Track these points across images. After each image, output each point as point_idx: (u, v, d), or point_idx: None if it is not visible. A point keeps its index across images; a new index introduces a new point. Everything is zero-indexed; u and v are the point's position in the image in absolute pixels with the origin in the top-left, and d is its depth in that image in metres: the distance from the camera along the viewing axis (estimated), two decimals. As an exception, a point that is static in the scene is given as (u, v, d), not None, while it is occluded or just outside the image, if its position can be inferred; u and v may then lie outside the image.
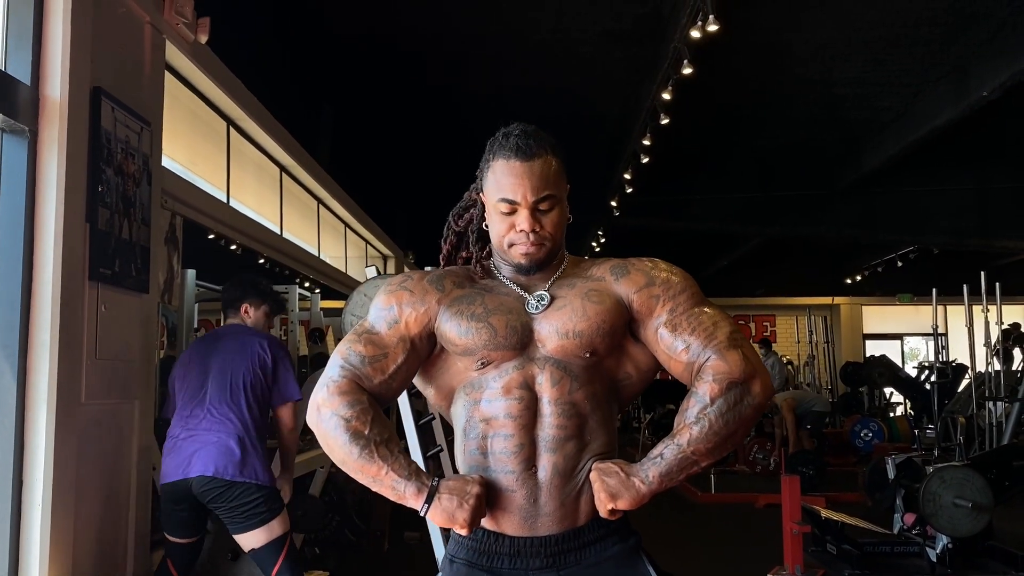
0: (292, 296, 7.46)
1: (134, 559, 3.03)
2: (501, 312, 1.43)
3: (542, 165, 1.42)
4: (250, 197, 5.30)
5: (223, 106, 4.61)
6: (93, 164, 2.75)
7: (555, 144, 1.47)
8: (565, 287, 1.48)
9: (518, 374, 1.40)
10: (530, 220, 1.42)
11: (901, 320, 16.02)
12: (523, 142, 1.42)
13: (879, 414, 11.02)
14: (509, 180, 1.42)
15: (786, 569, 4.83)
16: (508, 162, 1.42)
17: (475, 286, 1.51)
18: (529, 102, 7.19)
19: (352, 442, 1.36)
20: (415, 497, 1.35)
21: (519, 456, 1.38)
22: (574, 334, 1.40)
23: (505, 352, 1.41)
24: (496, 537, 1.41)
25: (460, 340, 1.42)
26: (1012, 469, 5.12)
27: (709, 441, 1.34)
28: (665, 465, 1.34)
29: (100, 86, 2.78)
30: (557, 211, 1.45)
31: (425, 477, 1.37)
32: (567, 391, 1.40)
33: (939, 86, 7.29)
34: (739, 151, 9.45)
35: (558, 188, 1.45)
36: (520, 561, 1.39)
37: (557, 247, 1.49)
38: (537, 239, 1.44)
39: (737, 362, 1.38)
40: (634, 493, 1.34)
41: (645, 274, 1.48)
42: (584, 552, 1.40)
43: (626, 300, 1.46)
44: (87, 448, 2.70)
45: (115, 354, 2.88)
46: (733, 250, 13.05)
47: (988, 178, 10.37)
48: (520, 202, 1.42)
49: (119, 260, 2.91)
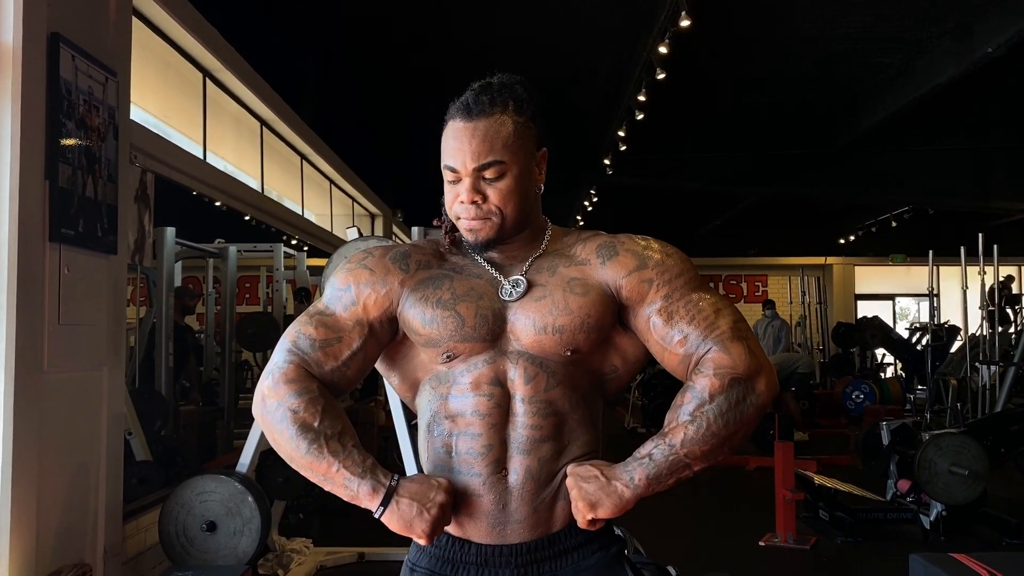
0: (277, 254, 7.31)
1: (105, 531, 2.92)
2: (470, 299, 1.26)
3: (489, 126, 1.24)
4: (229, 152, 5.12)
5: (198, 56, 4.40)
6: (52, 117, 2.58)
7: (522, 99, 1.28)
8: (545, 271, 1.30)
9: (488, 368, 1.25)
10: (470, 191, 1.25)
11: (893, 280, 15.96)
12: (473, 98, 1.25)
13: (871, 375, 10.99)
14: (451, 144, 1.26)
15: (778, 536, 4.77)
16: (453, 123, 1.26)
17: (444, 265, 1.33)
18: (519, 55, 6.97)
19: (300, 436, 1.20)
20: (369, 497, 1.19)
21: (487, 458, 1.23)
22: (553, 329, 1.23)
23: (474, 344, 1.25)
24: (462, 544, 1.26)
25: (424, 330, 1.26)
26: (1008, 435, 5.06)
27: (706, 443, 1.18)
28: (654, 468, 1.18)
29: (58, 32, 2.60)
30: (508, 180, 1.26)
31: (383, 475, 1.20)
32: (542, 388, 1.24)
33: (942, 42, 7.09)
34: (735, 109, 9.24)
35: (511, 153, 1.25)
36: (488, 571, 1.25)
37: (514, 222, 1.29)
38: (479, 213, 1.26)
39: (741, 355, 1.22)
40: (616, 500, 1.18)
41: (636, 255, 1.29)
42: (560, 561, 1.25)
43: (613, 287, 1.27)
44: (51, 418, 2.57)
45: (81, 319, 2.73)
46: (726, 210, 12.89)
47: (986, 139, 10.23)
48: (460, 169, 1.25)
49: (83, 220, 2.74)
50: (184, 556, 3.23)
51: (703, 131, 10.05)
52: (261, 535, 3.28)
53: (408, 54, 7.29)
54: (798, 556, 4.60)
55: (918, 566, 2.50)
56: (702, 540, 4.96)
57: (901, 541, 4.79)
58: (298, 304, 7.36)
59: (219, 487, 3.29)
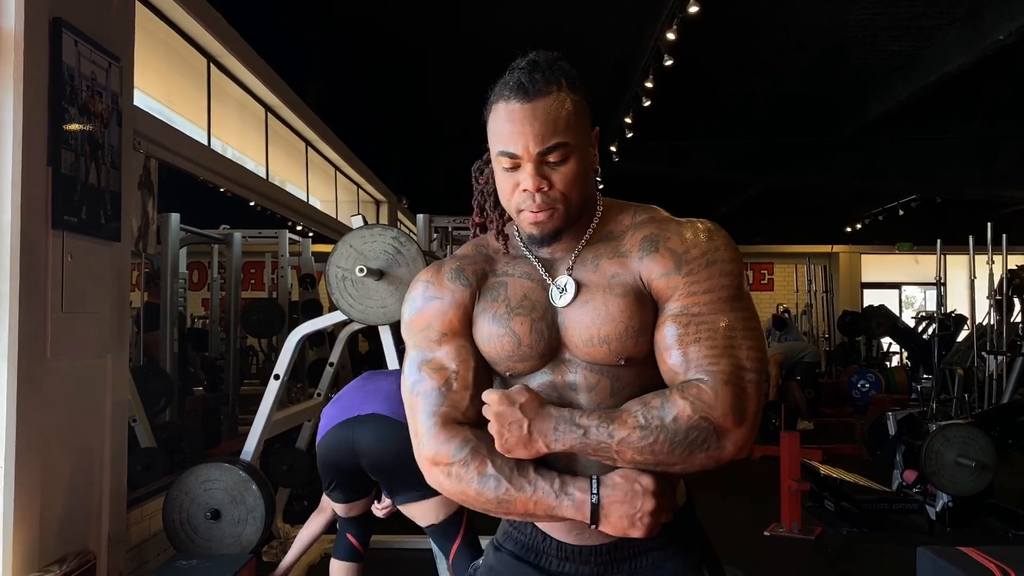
0: (282, 241, 7.30)
1: (109, 519, 2.92)
2: (524, 311, 1.20)
3: (549, 105, 1.15)
4: (233, 138, 5.10)
5: (202, 41, 4.37)
6: (54, 103, 2.55)
7: (573, 76, 1.20)
8: (589, 266, 1.22)
9: (548, 378, 1.21)
10: (535, 178, 1.15)
11: (899, 269, 15.88)
12: (527, 77, 1.15)
13: (876, 364, 10.95)
14: (507, 128, 1.15)
15: (783, 526, 4.76)
16: (508, 105, 1.16)
17: (495, 272, 1.27)
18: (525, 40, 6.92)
19: (481, 487, 1.15)
20: (577, 515, 1.14)
21: (555, 468, 1.18)
22: (600, 340, 1.17)
23: (532, 363, 1.21)
24: (544, 536, 1.26)
25: (484, 347, 1.23)
26: (1015, 426, 5.03)
27: (640, 454, 1.11)
28: (580, 443, 1.13)
29: (61, 17, 2.56)
30: (573, 163, 1.17)
31: (579, 490, 1.13)
32: (608, 394, 1.19)
33: (952, 29, 7.03)
34: (743, 96, 9.18)
35: (574, 134, 1.17)
36: (568, 566, 1.24)
37: (578, 209, 1.21)
38: (546, 202, 1.17)
39: (727, 404, 1.11)
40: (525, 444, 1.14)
41: (674, 256, 1.19)
42: (639, 561, 1.23)
43: (645, 283, 1.20)
44: (55, 406, 2.56)
45: (84, 307, 2.72)
46: (733, 197, 12.83)
47: (995, 127, 10.15)
48: (521, 155, 1.15)
49: (86, 207, 2.72)
50: (188, 544, 3.23)
51: (710, 118, 10.00)
52: (265, 523, 3.27)
53: (413, 41, 7.24)
54: (803, 546, 4.59)
55: (926, 559, 2.48)
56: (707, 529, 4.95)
57: (907, 532, 4.78)
58: (303, 290, 7.34)
59: (223, 475, 3.28)
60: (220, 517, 3.25)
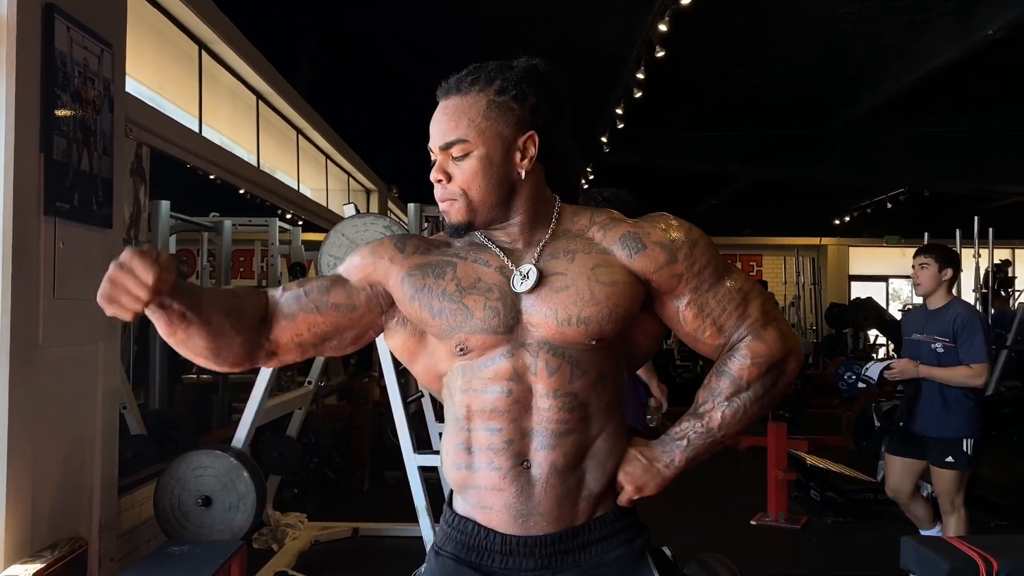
0: (272, 229, 7.28)
1: (101, 505, 2.92)
2: (478, 291, 1.23)
3: (459, 104, 1.23)
4: (224, 125, 5.08)
5: (194, 28, 4.36)
6: (47, 89, 2.55)
7: (512, 81, 1.23)
8: (563, 258, 1.25)
9: (507, 362, 1.22)
10: (436, 170, 1.25)
11: (887, 261, 15.96)
12: (456, 78, 1.25)
13: (863, 356, 11.01)
14: (431, 123, 1.26)
15: (770, 515, 4.81)
16: (438, 102, 1.27)
17: (446, 252, 1.29)
18: (517, 31, 6.91)
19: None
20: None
21: (507, 452, 1.21)
22: (579, 320, 1.20)
23: (485, 337, 1.22)
24: (487, 532, 1.25)
25: (433, 321, 1.24)
26: (999, 418, 5.09)
27: (741, 424, 1.27)
28: (692, 450, 1.28)
29: (53, 2, 2.56)
30: (472, 161, 1.22)
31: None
32: (567, 380, 1.21)
33: (943, 23, 7.05)
34: (734, 88, 9.18)
35: (477, 132, 1.21)
36: (512, 560, 1.24)
37: (485, 207, 1.24)
38: (445, 194, 1.24)
39: (775, 341, 1.28)
40: (660, 480, 1.28)
41: (664, 248, 1.25)
42: (583, 553, 1.25)
43: (643, 279, 1.26)
44: (46, 393, 2.57)
45: (76, 293, 2.71)
46: (723, 189, 12.86)
47: (984, 121, 10.19)
48: (433, 148, 1.26)
49: (78, 193, 2.72)
50: (179, 531, 3.24)
51: (701, 110, 9.99)
52: (256, 510, 3.29)
53: (405, 29, 7.22)
54: (789, 535, 4.64)
55: (910, 548, 2.51)
56: (694, 519, 4.99)
57: (891, 521, 4.82)
58: (292, 279, 7.33)
59: (214, 462, 3.29)
60: (211, 504, 3.26)
